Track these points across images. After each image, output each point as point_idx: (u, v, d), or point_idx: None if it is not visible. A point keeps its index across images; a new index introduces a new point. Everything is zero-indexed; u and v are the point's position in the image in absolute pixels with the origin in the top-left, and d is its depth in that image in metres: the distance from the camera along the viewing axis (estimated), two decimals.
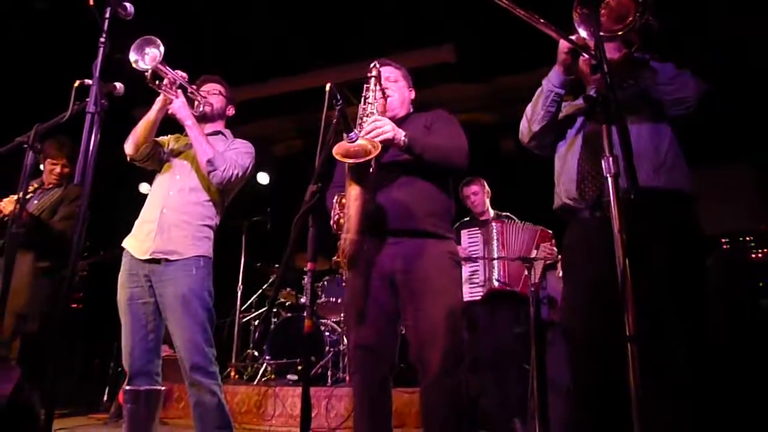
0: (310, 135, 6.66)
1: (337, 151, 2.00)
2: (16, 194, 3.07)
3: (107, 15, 1.92)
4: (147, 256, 2.59)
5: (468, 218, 4.37)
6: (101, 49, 1.89)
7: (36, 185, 3.58)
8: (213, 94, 2.94)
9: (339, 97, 1.93)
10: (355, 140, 2.04)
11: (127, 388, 2.44)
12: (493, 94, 5.34)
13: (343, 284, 5.54)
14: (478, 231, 4.08)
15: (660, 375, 1.68)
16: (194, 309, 2.55)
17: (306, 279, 1.64)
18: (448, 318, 2.19)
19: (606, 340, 1.70)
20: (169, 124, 2.87)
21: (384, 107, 2.45)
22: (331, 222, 2.34)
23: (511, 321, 3.95)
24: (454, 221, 2.51)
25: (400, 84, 2.62)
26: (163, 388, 2.53)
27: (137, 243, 2.66)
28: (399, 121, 2.49)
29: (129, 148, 2.75)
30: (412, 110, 2.66)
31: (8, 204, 3.22)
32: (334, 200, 2.34)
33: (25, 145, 1.96)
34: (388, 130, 2.19)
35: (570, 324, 2.07)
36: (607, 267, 1.44)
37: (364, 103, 2.37)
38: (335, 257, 2.28)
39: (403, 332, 2.37)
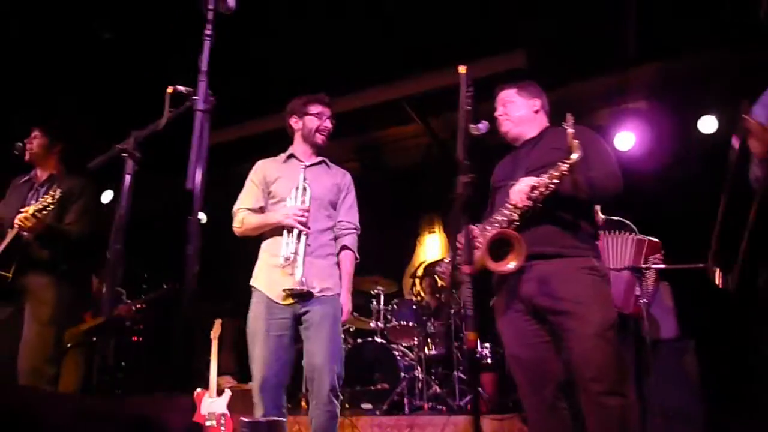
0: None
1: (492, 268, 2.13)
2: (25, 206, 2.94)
3: (210, 6, 1.77)
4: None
5: None
6: (206, 43, 1.74)
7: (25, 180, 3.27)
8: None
9: (470, 82, 1.73)
10: (484, 131, 1.82)
11: (245, 420, 2.24)
12: (566, 100, 5.07)
13: (414, 307, 5.29)
14: None
15: None
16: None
17: (465, 288, 1.42)
18: (595, 335, 2.03)
19: None
20: None
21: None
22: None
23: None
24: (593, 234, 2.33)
25: (517, 103, 2.46)
26: (284, 419, 2.34)
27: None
28: (531, 143, 2.40)
29: (238, 232, 2.76)
30: (547, 124, 2.48)
31: (24, 221, 2.82)
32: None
33: (125, 154, 1.80)
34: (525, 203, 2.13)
35: None
36: None
37: None
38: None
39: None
